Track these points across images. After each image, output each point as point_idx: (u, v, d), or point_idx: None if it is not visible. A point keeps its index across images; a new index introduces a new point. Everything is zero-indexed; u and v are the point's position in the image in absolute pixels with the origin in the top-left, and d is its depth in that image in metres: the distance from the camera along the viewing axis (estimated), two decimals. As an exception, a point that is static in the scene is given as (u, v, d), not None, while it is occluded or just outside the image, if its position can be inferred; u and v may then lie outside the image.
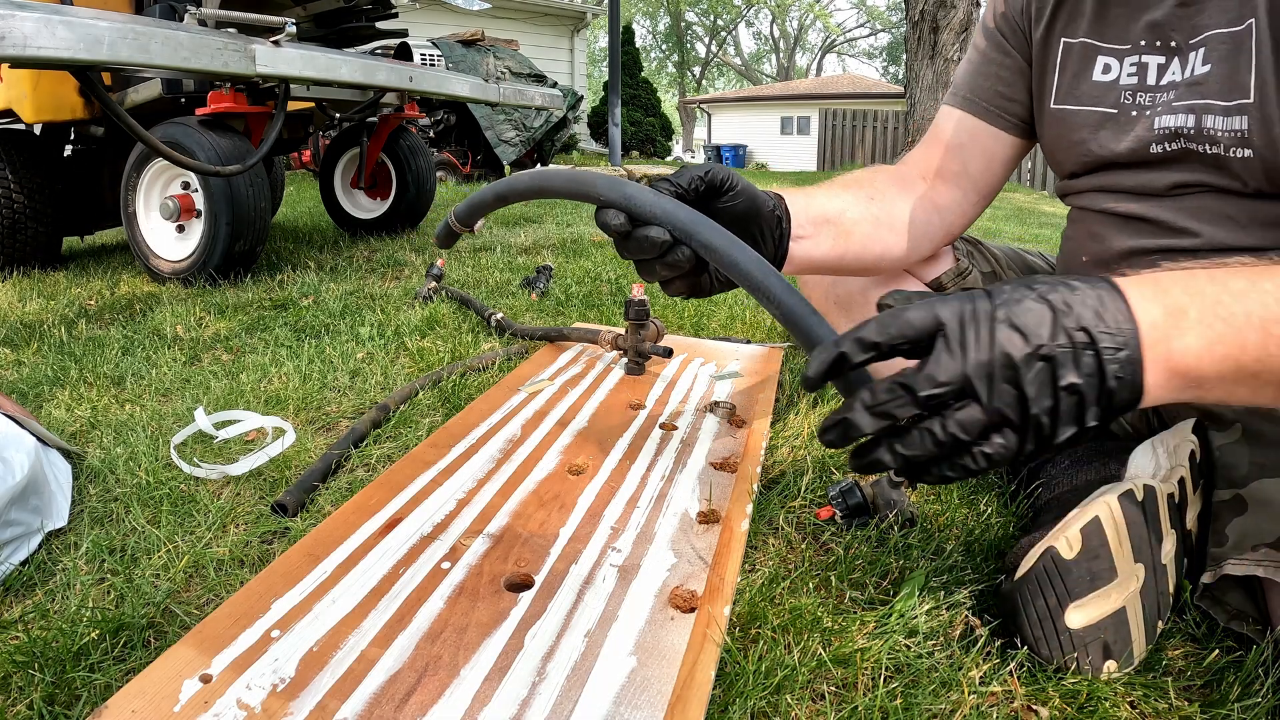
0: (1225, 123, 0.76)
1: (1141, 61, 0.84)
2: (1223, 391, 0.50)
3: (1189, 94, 0.79)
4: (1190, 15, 0.79)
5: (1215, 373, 0.49)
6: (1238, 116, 0.75)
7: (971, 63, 1.03)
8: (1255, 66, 0.74)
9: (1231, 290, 0.50)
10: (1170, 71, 0.82)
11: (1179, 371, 0.49)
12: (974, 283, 1.04)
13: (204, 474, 0.94)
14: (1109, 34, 0.87)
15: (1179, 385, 0.49)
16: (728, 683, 0.58)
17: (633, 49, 13.34)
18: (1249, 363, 0.49)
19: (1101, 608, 0.60)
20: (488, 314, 1.58)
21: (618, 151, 6.25)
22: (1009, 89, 0.98)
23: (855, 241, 0.94)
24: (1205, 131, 0.78)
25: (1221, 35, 0.76)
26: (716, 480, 0.87)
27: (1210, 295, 0.50)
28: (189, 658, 0.56)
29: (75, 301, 1.96)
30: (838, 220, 0.94)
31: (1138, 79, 0.85)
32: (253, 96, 2.11)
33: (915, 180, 1.02)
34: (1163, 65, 0.82)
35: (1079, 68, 0.90)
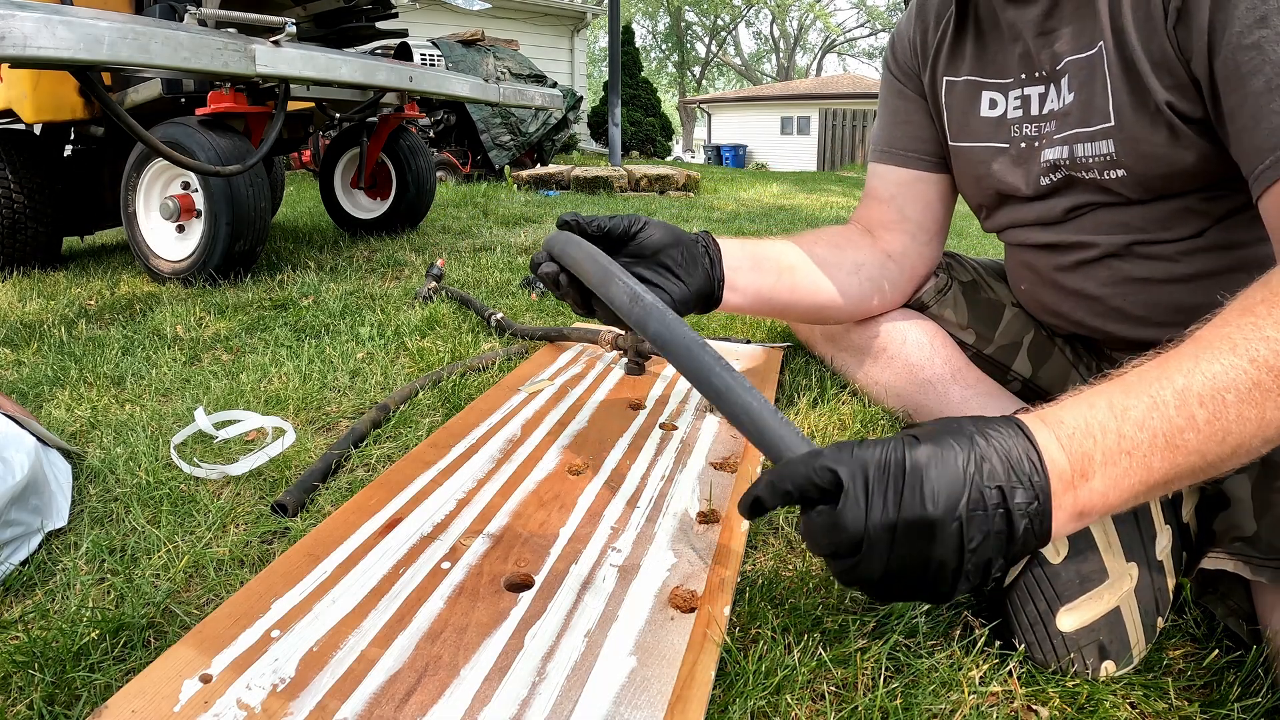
0: (1092, 148, 0.79)
1: (1025, 94, 0.87)
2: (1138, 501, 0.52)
3: (1062, 125, 0.83)
4: (1049, 43, 0.82)
5: (1124, 500, 0.50)
6: (1103, 140, 0.78)
7: (882, 115, 1.08)
8: (1110, 89, 0.76)
9: (1133, 420, 0.50)
10: (1049, 100, 0.84)
11: (1086, 513, 0.50)
12: (954, 296, 1.06)
13: (204, 474, 0.94)
14: (989, 69, 0.90)
15: (1084, 522, 0.51)
16: (728, 683, 0.58)
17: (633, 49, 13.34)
18: (1157, 481, 0.50)
19: (1094, 609, 0.60)
20: (488, 314, 1.58)
21: (618, 152, 6.25)
22: (920, 130, 1.02)
23: (801, 278, 0.97)
24: (1078, 160, 0.81)
25: (1079, 61, 0.79)
26: (716, 480, 0.87)
27: (1113, 431, 0.50)
28: (189, 658, 0.56)
29: (75, 301, 1.96)
30: (776, 258, 0.98)
31: (1023, 111, 0.88)
32: (253, 96, 2.11)
33: (860, 234, 1.06)
34: (1043, 95, 0.85)
35: (966, 104, 0.93)
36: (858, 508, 0.47)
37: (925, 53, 0.97)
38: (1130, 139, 0.75)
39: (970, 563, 0.47)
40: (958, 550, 0.47)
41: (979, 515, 0.47)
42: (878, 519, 0.47)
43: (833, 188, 7.04)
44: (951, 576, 0.47)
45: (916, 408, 1.02)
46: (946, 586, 0.48)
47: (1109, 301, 0.86)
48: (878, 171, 1.06)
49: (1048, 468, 0.49)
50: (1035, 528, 0.48)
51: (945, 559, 0.47)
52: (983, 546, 0.47)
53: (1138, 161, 0.76)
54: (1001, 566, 0.49)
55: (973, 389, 0.97)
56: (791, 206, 4.76)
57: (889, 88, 1.04)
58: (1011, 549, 0.48)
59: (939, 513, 0.46)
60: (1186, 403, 0.50)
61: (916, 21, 0.99)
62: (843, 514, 0.48)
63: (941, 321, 1.05)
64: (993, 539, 0.47)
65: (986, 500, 0.47)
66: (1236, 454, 0.51)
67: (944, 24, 0.94)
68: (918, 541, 0.47)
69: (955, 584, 0.48)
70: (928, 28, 0.97)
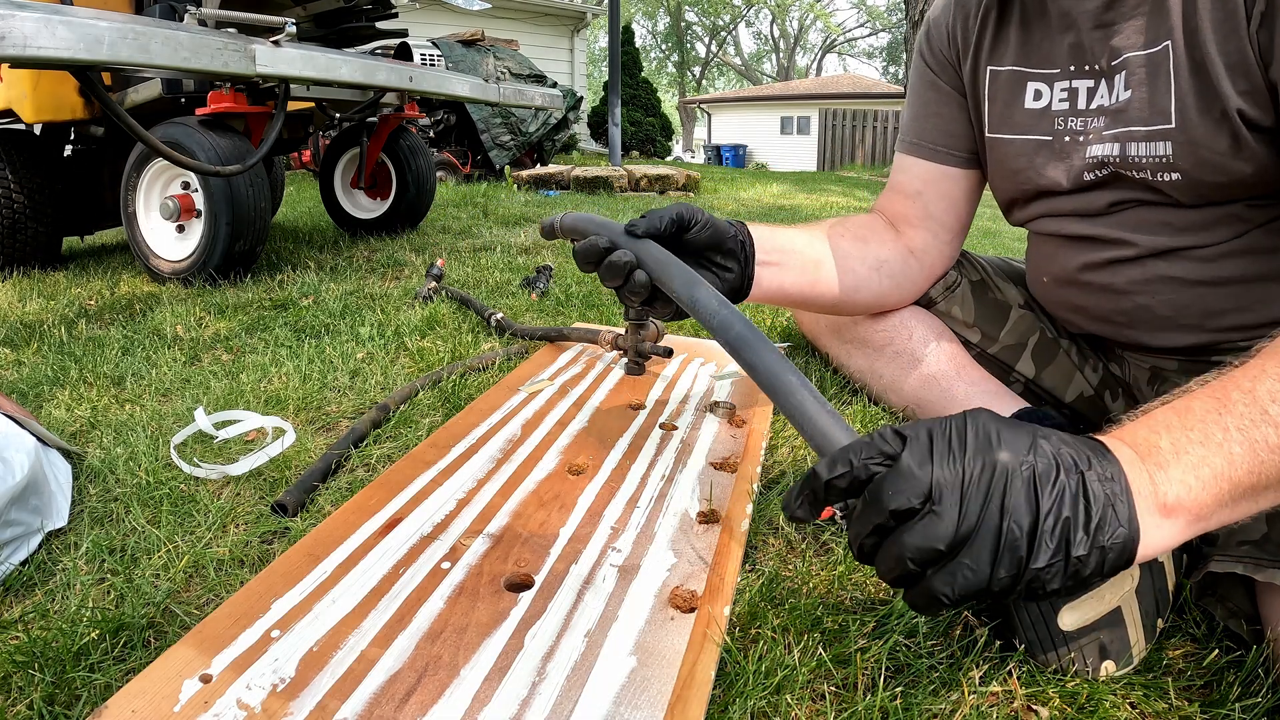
0: (1148, 149, 0.77)
1: (1072, 86, 0.84)
2: (1227, 515, 0.48)
3: (1115, 122, 0.80)
4: (1107, 37, 0.79)
5: (1210, 492, 0.47)
6: (1160, 142, 0.76)
7: (912, 105, 1.05)
8: (1174, 90, 0.74)
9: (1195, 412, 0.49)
10: (1099, 95, 0.82)
11: (1174, 508, 0.46)
12: (963, 293, 1.05)
13: (204, 474, 0.94)
14: (1035, 59, 0.88)
15: (1185, 523, 0.47)
16: (728, 683, 0.58)
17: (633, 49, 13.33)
18: (1242, 477, 0.47)
19: (1095, 608, 0.60)
20: (488, 314, 1.58)
21: (618, 152, 6.25)
22: (951, 124, 1.00)
23: (825, 273, 0.96)
24: (1130, 159, 0.79)
25: (1140, 58, 0.76)
26: (716, 480, 0.87)
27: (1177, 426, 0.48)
28: (189, 658, 0.56)
29: (75, 301, 1.96)
30: (803, 251, 0.97)
31: (1069, 104, 0.85)
32: (253, 96, 2.11)
33: (884, 227, 1.04)
34: (1092, 89, 0.83)
35: (1010, 95, 0.91)
36: (923, 455, 0.44)
37: (966, 42, 0.95)
38: (1190, 143, 0.73)
39: (1047, 522, 0.43)
40: (1031, 501, 0.43)
41: (1049, 472, 0.44)
42: (943, 467, 0.44)
43: (833, 188, 7.04)
44: (1028, 537, 0.43)
45: (919, 403, 1.02)
46: (1023, 549, 0.43)
47: (1137, 299, 0.84)
48: (905, 165, 1.04)
49: (1112, 450, 0.47)
50: (1117, 506, 0.44)
51: (1019, 510, 0.43)
52: (1058, 504, 0.43)
53: (1195, 166, 0.74)
54: (1085, 545, 0.43)
55: (976, 386, 0.97)
56: (791, 206, 4.76)
57: (922, 78, 1.02)
58: (1090, 520, 0.44)
59: (1008, 457, 0.44)
60: (1257, 400, 0.48)
61: (956, 9, 0.96)
62: (906, 462, 0.44)
63: (948, 319, 1.05)
64: (1068, 498, 0.43)
65: (1056, 458, 0.44)
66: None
67: (984, 12, 0.92)
68: (988, 489, 0.43)
69: (1033, 547, 0.43)
70: (968, 15, 0.94)
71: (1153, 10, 0.75)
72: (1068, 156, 0.85)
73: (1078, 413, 1.00)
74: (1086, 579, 0.44)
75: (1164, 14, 0.73)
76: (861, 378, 1.13)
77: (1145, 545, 0.45)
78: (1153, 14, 0.75)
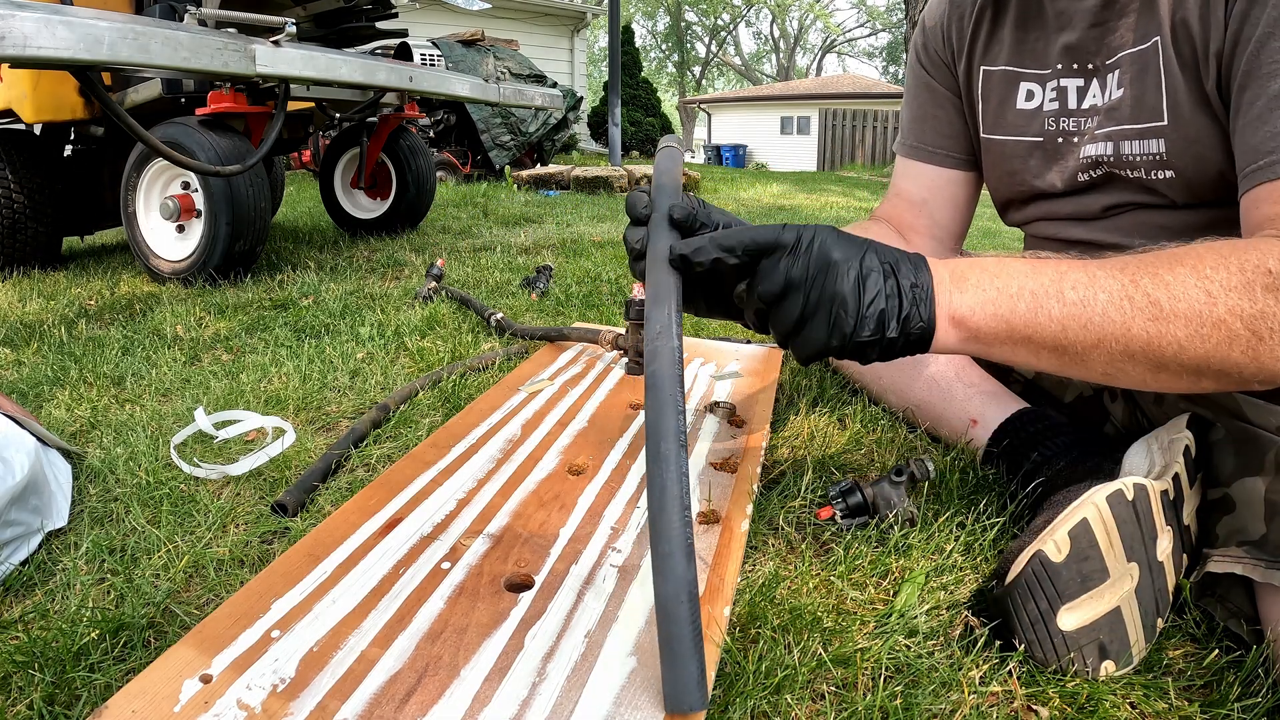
0: (1141, 146, 0.77)
1: (1061, 85, 0.84)
2: (1003, 351, 0.62)
3: (1108, 120, 0.80)
4: (1103, 36, 0.79)
5: (987, 325, 0.61)
6: (1153, 139, 0.76)
7: (910, 107, 1.04)
8: (1165, 86, 0.74)
9: (1012, 270, 0.62)
10: (1091, 95, 0.82)
11: (957, 320, 0.61)
12: None
13: (204, 474, 0.94)
14: (1028, 59, 0.88)
15: (961, 335, 0.62)
16: (728, 683, 0.58)
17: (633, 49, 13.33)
18: (1019, 327, 0.60)
19: (1095, 609, 0.60)
20: (488, 314, 1.58)
21: (618, 151, 6.25)
22: (948, 126, 0.99)
23: None
24: (1124, 158, 0.79)
25: (1132, 55, 0.76)
26: (716, 480, 0.87)
27: (991, 271, 0.62)
28: (189, 658, 0.56)
29: (75, 301, 1.96)
30: None
31: (1059, 104, 0.85)
32: (253, 96, 2.11)
33: (894, 237, 1.04)
34: (1082, 88, 0.83)
35: (1003, 95, 0.90)
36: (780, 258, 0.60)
37: (960, 42, 0.95)
38: (1183, 139, 0.73)
39: (867, 307, 0.59)
40: (855, 290, 0.59)
41: (872, 272, 0.60)
42: (794, 268, 0.60)
43: (833, 188, 7.04)
44: (854, 316, 0.59)
45: (919, 404, 1.02)
46: (850, 324, 0.59)
47: None
48: (909, 170, 1.04)
49: (931, 269, 0.62)
50: (920, 308, 0.60)
51: (846, 295, 0.58)
52: (876, 296, 0.59)
53: (1188, 163, 0.74)
54: (896, 330, 0.59)
55: (975, 387, 0.97)
56: (791, 207, 4.76)
57: (918, 80, 1.02)
58: (902, 312, 0.59)
59: (840, 258, 0.59)
60: (1061, 282, 0.60)
61: (951, 10, 0.95)
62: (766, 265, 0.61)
63: None
64: (884, 293, 0.59)
65: (880, 261, 0.60)
66: (1100, 348, 0.59)
67: (979, 12, 0.91)
68: (825, 281, 0.59)
69: (857, 325, 0.59)
70: (963, 15, 0.94)
71: (1143, 7, 0.75)
72: (1062, 158, 0.85)
73: (1077, 413, 1.00)
74: (895, 352, 0.62)
75: (1154, 10, 0.73)
76: (860, 379, 1.13)
77: (937, 341, 0.62)
78: (1143, 11, 0.75)
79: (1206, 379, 0.59)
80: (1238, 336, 0.56)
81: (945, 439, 0.99)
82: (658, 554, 0.53)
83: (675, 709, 0.51)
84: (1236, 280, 0.57)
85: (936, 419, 1.00)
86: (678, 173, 0.72)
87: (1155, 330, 0.58)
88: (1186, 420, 0.74)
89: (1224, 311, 0.56)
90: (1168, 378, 0.60)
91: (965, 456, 0.93)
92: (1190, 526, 0.70)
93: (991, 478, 0.90)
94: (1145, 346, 0.58)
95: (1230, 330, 0.56)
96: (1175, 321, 0.57)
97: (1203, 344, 0.57)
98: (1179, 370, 0.59)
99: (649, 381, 0.59)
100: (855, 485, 0.81)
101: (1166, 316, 0.57)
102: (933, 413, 1.00)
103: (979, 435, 0.93)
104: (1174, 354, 0.58)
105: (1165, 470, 0.69)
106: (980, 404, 0.95)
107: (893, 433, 1.03)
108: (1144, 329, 0.58)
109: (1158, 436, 0.75)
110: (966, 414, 0.95)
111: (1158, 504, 0.65)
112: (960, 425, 0.96)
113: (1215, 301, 0.57)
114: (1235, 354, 0.57)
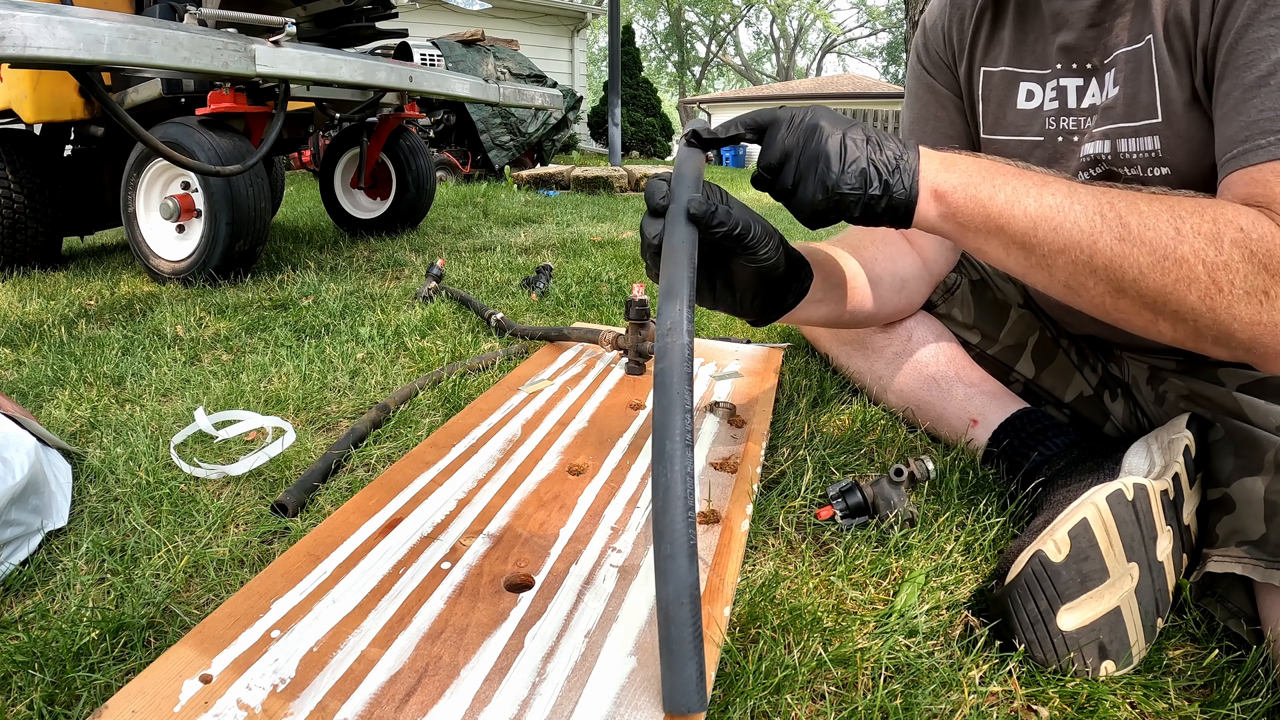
0: (1137, 144, 0.77)
1: (1061, 85, 0.85)
2: (976, 240, 0.67)
3: (1105, 119, 0.80)
4: (1100, 35, 0.79)
5: (967, 205, 0.65)
6: (1148, 137, 0.76)
7: (911, 108, 1.04)
8: (1158, 84, 0.74)
9: (1000, 169, 0.67)
10: (1090, 94, 0.82)
11: (939, 195, 0.66)
12: (963, 294, 1.06)
13: (204, 474, 0.94)
14: (1028, 60, 0.88)
15: (940, 211, 0.67)
16: (728, 683, 0.58)
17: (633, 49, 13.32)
18: (995, 215, 0.64)
19: (1095, 608, 0.60)
20: (488, 314, 1.58)
21: (618, 151, 6.25)
22: (950, 127, 1.00)
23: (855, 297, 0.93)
24: (1121, 156, 0.79)
25: (1126, 54, 0.77)
26: (716, 480, 0.87)
27: (984, 163, 0.67)
28: (189, 658, 0.56)
29: (75, 301, 1.96)
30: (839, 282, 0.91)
31: (1059, 103, 0.85)
32: (253, 96, 2.11)
33: (899, 240, 1.03)
34: (1081, 88, 0.83)
35: (1003, 96, 0.91)
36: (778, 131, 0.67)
37: (961, 43, 0.95)
38: (1178, 136, 0.73)
39: (849, 165, 0.64)
40: (839, 150, 0.64)
41: (857, 140, 0.65)
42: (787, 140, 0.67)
43: (833, 188, 7.03)
44: (836, 171, 0.64)
45: (919, 404, 1.02)
46: (834, 178, 0.64)
47: None
48: None
49: (920, 152, 0.67)
50: (903, 177, 0.65)
51: (830, 153, 0.64)
52: (859, 157, 0.64)
53: (1183, 160, 0.74)
54: (879, 188, 0.65)
55: (976, 387, 0.97)
56: (791, 206, 4.75)
57: (919, 81, 1.02)
58: (883, 175, 0.65)
59: (826, 125, 0.65)
60: (1043, 188, 0.64)
61: (951, 11, 0.96)
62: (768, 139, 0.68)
63: (948, 321, 1.05)
64: (866, 155, 0.65)
65: (866, 135, 0.66)
66: (1065, 254, 0.63)
67: (979, 13, 0.92)
68: (812, 142, 0.65)
69: (839, 179, 0.64)
70: (964, 16, 0.94)
71: (1138, 6, 0.75)
72: (1062, 157, 0.85)
73: (1077, 413, 1.00)
74: (879, 215, 0.67)
75: (1148, 9, 0.74)
76: (861, 379, 1.13)
77: (919, 214, 0.67)
78: (1138, 10, 0.75)
79: (1164, 320, 0.62)
80: (1197, 279, 0.59)
81: (945, 439, 0.99)
82: (660, 554, 0.53)
83: (675, 710, 0.51)
84: (1208, 228, 0.59)
85: (936, 419, 1.00)
86: (700, 163, 0.72)
87: (1119, 250, 0.61)
88: (1186, 420, 0.74)
89: (1188, 251, 0.59)
90: (1127, 305, 0.63)
91: (965, 456, 0.93)
92: (1190, 526, 0.70)
93: (991, 478, 0.90)
94: (1108, 264, 0.61)
95: (1191, 270, 0.59)
96: (1140, 246, 0.60)
97: (1162, 276, 0.60)
98: (1137, 299, 0.62)
99: (657, 379, 0.58)
100: (855, 485, 0.81)
101: (1133, 239, 0.60)
102: (933, 413, 1.00)
103: (979, 435, 0.93)
104: (1134, 279, 0.61)
105: (1165, 470, 0.69)
106: (980, 404, 0.95)
107: (893, 433, 1.03)
108: (1109, 246, 0.61)
109: (1158, 436, 0.75)
110: (966, 414, 0.95)
111: (1157, 504, 0.65)
112: (960, 425, 0.96)
113: (1182, 239, 0.59)
114: (1192, 297, 0.59)
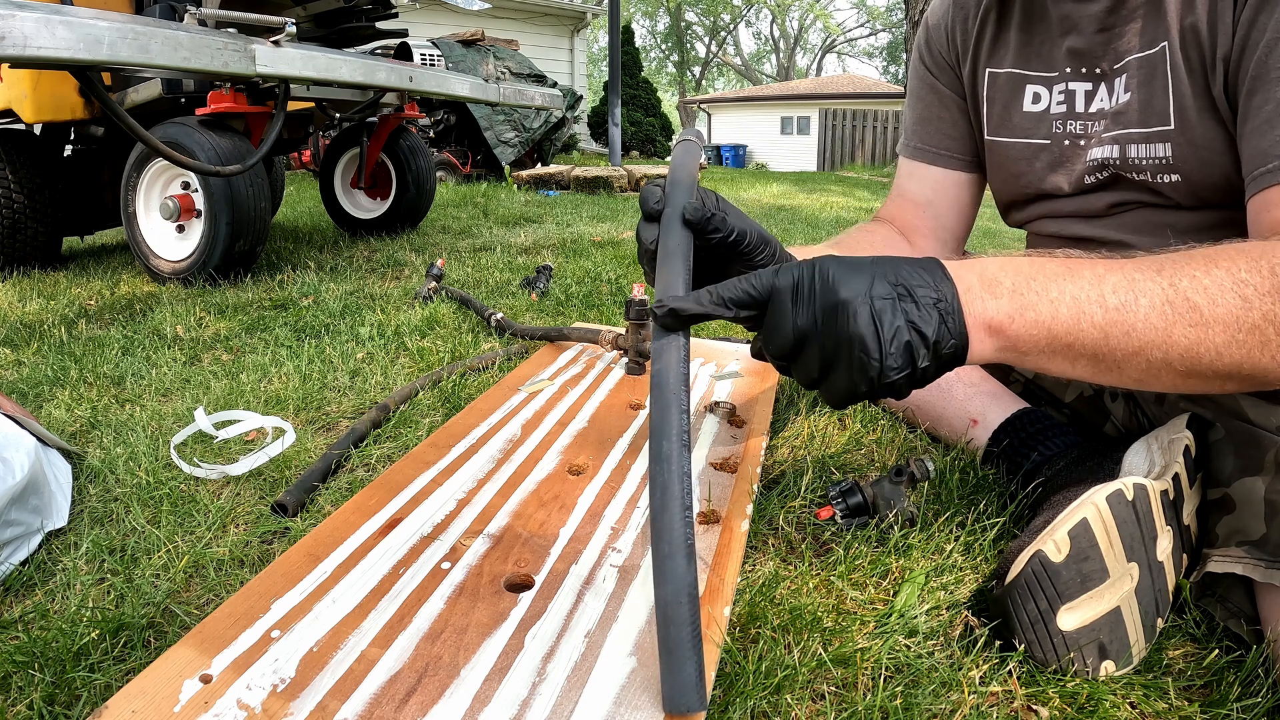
0: (1148, 150, 0.77)
1: (1069, 89, 0.84)
2: (1039, 360, 0.58)
3: (1114, 124, 0.80)
4: (1110, 40, 0.79)
5: (1028, 333, 0.56)
6: (1160, 143, 0.76)
7: (913, 108, 1.04)
8: (1172, 91, 0.74)
9: (1049, 272, 0.57)
10: (1098, 99, 0.82)
11: (995, 329, 0.56)
12: None
13: (204, 474, 0.94)
14: (1035, 62, 0.88)
15: (998, 344, 0.57)
16: (728, 683, 0.58)
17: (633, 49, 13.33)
18: (1060, 335, 0.56)
19: (1095, 608, 0.60)
20: (488, 314, 1.58)
21: (618, 151, 6.25)
22: (952, 127, 0.99)
23: None
24: (1130, 161, 0.79)
25: (1138, 60, 0.76)
26: (716, 480, 0.87)
27: (1026, 275, 0.57)
28: (189, 658, 0.56)
29: (75, 301, 1.96)
30: None
31: (1066, 107, 0.85)
32: (253, 96, 2.11)
33: (900, 240, 1.04)
34: (1090, 92, 0.83)
35: (1009, 98, 0.90)
36: (784, 309, 0.56)
37: (965, 44, 0.94)
38: (1189, 143, 0.73)
39: (890, 343, 0.53)
40: (872, 327, 0.53)
41: (887, 300, 0.54)
42: (800, 317, 0.55)
43: (833, 188, 7.04)
44: (878, 357, 0.53)
45: (919, 404, 1.02)
46: (876, 366, 0.54)
47: None
48: (913, 171, 1.03)
49: (953, 277, 0.56)
50: (949, 324, 0.55)
51: (865, 335, 0.53)
52: (899, 328, 0.54)
53: (1194, 168, 0.74)
54: (928, 358, 0.54)
55: (976, 387, 0.97)
56: (792, 207, 4.76)
57: (921, 81, 1.01)
58: (930, 337, 0.54)
59: (848, 295, 0.54)
60: (1101, 286, 0.56)
61: (955, 11, 0.95)
62: (771, 320, 0.57)
63: None
64: (905, 321, 0.54)
65: (892, 285, 0.55)
66: (1139, 355, 0.56)
67: (983, 14, 0.91)
68: (837, 325, 0.54)
69: (883, 366, 0.54)
70: (967, 17, 0.94)
71: (1150, 12, 0.75)
72: (1069, 161, 0.85)
73: (1077, 413, 1.00)
74: (930, 379, 0.56)
75: (1161, 15, 0.74)
76: None
77: (972, 353, 0.56)
78: (1149, 16, 0.75)
79: (1232, 382, 0.58)
80: (1269, 341, 0.55)
81: (945, 439, 0.99)
82: (658, 555, 0.53)
83: (674, 710, 0.51)
84: (1269, 285, 0.55)
85: (936, 419, 1.00)
86: (694, 167, 0.70)
87: (1194, 337, 0.55)
88: (1186, 420, 0.74)
89: (1258, 317, 0.55)
90: (1197, 382, 0.58)
91: (965, 456, 0.93)
92: (1190, 526, 0.70)
93: (991, 478, 0.90)
94: (1184, 354, 0.56)
95: (1264, 335, 0.55)
96: (1213, 328, 0.55)
97: (1238, 350, 0.55)
98: (1210, 375, 0.57)
99: (654, 380, 0.58)
100: (855, 485, 0.81)
101: (1205, 322, 0.55)
102: (933, 412, 1.00)
103: (979, 435, 0.93)
104: (1210, 360, 0.56)
105: (1165, 470, 0.69)
106: (980, 404, 0.95)
107: (893, 433, 1.03)
108: (1184, 335, 0.55)
109: (1158, 436, 0.75)
110: (966, 414, 0.95)
111: (1158, 504, 0.65)
112: (960, 425, 0.96)
113: (1250, 306, 0.55)
114: (1266, 359, 0.55)
